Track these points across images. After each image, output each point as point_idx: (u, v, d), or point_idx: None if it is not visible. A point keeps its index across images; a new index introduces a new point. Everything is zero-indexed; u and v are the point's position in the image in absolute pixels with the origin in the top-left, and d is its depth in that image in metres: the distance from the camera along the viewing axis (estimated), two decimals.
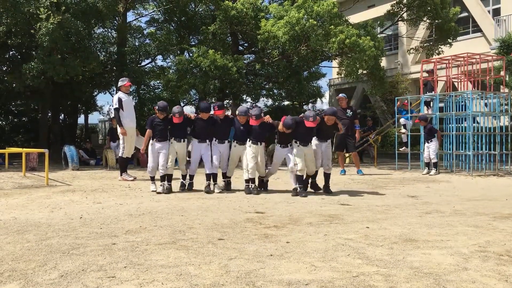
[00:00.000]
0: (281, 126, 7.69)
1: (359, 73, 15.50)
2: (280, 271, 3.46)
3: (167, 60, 21.64)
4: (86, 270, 3.46)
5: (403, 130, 14.46)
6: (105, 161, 13.65)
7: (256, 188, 8.02)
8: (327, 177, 8.17)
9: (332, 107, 10.53)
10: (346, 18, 17.47)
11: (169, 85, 17.03)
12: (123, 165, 10.32)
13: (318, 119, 7.68)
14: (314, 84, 24.89)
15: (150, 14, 22.88)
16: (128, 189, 8.58)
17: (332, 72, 28.30)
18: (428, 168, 12.26)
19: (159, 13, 21.55)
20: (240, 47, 19.50)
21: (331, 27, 14.35)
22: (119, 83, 10.38)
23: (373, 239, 4.48)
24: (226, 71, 15.69)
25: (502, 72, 14.50)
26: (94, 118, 45.86)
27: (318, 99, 25.77)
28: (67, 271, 3.45)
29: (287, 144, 7.86)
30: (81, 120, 28.09)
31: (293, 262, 3.69)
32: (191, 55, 17.89)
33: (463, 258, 3.81)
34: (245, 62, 18.18)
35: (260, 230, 4.88)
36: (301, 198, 7.44)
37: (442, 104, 14.71)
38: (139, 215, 5.76)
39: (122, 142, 10.17)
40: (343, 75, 17.93)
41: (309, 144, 7.84)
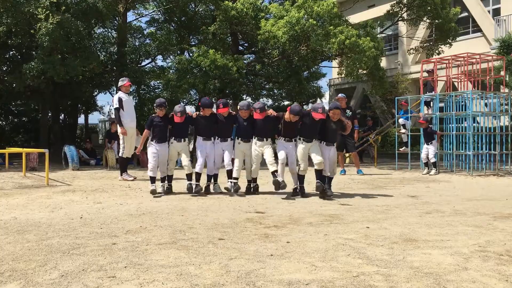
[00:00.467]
0: (287, 115, 7.45)
1: (359, 73, 15.51)
2: (280, 271, 3.46)
3: (167, 60, 21.63)
4: (86, 270, 3.46)
5: (403, 130, 14.46)
6: (105, 161, 13.66)
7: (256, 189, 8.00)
8: (329, 180, 7.74)
9: (335, 102, 10.49)
10: (346, 18, 17.47)
11: (169, 85, 17.03)
12: (123, 165, 10.32)
13: (327, 110, 7.43)
14: (314, 84, 24.92)
15: (150, 14, 22.85)
16: (128, 189, 8.58)
17: (332, 72, 28.32)
18: (428, 168, 12.27)
19: (159, 13, 21.52)
20: (240, 47, 19.53)
21: (331, 28, 14.36)
22: (119, 83, 10.38)
23: (373, 239, 4.48)
24: (226, 71, 15.69)
25: (502, 72, 14.50)
26: (94, 118, 46.04)
27: (318, 99, 25.76)
28: (68, 271, 3.45)
29: (292, 139, 7.62)
30: (81, 120, 28.14)
31: (293, 262, 3.69)
32: (191, 55, 17.90)
33: (463, 258, 3.81)
34: (245, 62, 18.19)
35: (260, 230, 4.89)
36: (301, 198, 7.43)
37: (442, 104, 14.70)
38: (139, 215, 5.76)
39: (122, 142, 10.18)
40: (343, 75, 17.95)
41: (313, 140, 7.54)
